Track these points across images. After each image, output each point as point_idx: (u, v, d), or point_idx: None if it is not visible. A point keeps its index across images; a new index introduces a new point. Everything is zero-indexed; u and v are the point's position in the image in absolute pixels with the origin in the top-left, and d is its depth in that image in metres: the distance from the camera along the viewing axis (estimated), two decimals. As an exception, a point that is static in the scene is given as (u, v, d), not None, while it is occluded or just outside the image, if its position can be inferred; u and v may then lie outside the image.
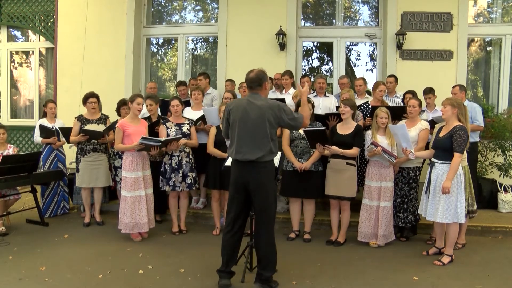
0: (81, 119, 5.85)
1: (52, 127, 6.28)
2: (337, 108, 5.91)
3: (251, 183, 3.66)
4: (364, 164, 5.61)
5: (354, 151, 5.00)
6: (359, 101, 6.15)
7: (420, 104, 5.25)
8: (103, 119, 5.97)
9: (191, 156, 5.52)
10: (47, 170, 6.19)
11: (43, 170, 6.17)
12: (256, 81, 3.75)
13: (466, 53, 7.46)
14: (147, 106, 5.81)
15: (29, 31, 9.30)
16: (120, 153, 5.78)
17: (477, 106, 6.09)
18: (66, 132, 6.03)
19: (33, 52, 9.30)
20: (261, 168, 3.65)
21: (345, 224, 5.22)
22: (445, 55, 7.44)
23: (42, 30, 8.95)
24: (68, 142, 6.04)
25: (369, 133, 5.12)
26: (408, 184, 5.14)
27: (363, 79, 6.69)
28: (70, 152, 6.52)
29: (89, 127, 5.75)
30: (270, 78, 7.16)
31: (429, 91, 6.07)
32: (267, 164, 3.68)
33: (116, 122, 5.83)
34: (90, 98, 5.84)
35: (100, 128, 5.78)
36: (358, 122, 5.37)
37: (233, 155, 3.74)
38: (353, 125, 5.08)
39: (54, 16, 8.67)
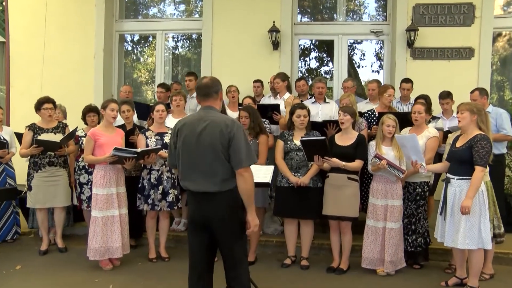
0: (33, 128, 5.76)
1: (1, 137, 6.17)
2: None
3: (212, 220, 3.39)
4: (368, 179, 5.66)
5: (357, 164, 5.10)
6: (370, 107, 6.23)
7: (427, 110, 5.33)
8: (61, 127, 5.92)
9: (173, 171, 5.56)
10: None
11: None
12: (213, 86, 3.50)
13: (490, 50, 7.50)
14: (123, 112, 5.87)
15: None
16: (86, 167, 5.81)
17: (503, 112, 6.11)
18: (21, 138, 5.92)
19: (-24, 47, 9.19)
20: (223, 199, 3.38)
21: (347, 249, 5.27)
22: (464, 53, 7.51)
23: (-12, 21, 8.88)
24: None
25: (372, 144, 5.19)
26: (415, 201, 5.21)
27: (378, 81, 6.79)
28: (25, 165, 6.36)
29: (43, 137, 5.68)
30: (260, 81, 7.25)
31: (446, 96, 6.13)
32: (229, 193, 3.40)
33: (76, 129, 5.84)
34: (45, 103, 5.76)
35: (57, 138, 5.72)
36: (362, 132, 5.48)
37: (184, 183, 3.51)
38: (354, 135, 5.18)
39: (4, 3, 8.60)
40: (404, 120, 5.44)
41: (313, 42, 8.77)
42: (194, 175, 3.41)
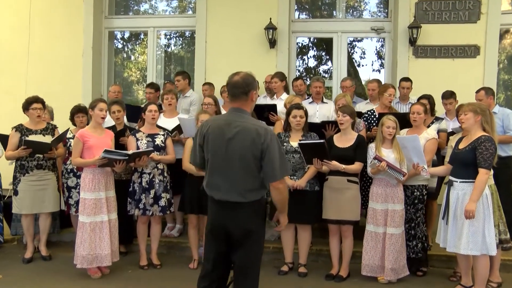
0: (21, 129, 5.70)
1: None
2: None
3: (234, 231, 3.35)
4: (367, 182, 5.69)
5: (357, 166, 5.12)
6: (370, 108, 6.26)
7: (426, 111, 5.35)
8: (50, 129, 5.88)
9: (165, 174, 5.58)
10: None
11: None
12: (242, 87, 3.36)
13: (497, 48, 7.52)
14: (113, 112, 5.84)
15: None
16: (75, 170, 5.80)
17: (510, 113, 6.11)
18: (4, 140, 5.82)
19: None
20: (247, 210, 3.34)
21: (348, 255, 5.29)
22: (469, 51, 7.53)
23: (-34, 15, 8.77)
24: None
25: (372, 146, 5.21)
26: (414, 205, 5.22)
27: (378, 81, 6.81)
28: (9, 168, 6.34)
29: (32, 138, 5.62)
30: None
31: (449, 95, 6.14)
32: (255, 204, 3.37)
33: (67, 131, 5.83)
34: (34, 103, 5.71)
35: (46, 140, 5.69)
36: (360, 133, 5.49)
37: (208, 190, 3.46)
38: (354, 136, 5.20)
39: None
40: (404, 121, 5.46)
41: (312, 40, 8.80)
42: (220, 183, 3.36)
